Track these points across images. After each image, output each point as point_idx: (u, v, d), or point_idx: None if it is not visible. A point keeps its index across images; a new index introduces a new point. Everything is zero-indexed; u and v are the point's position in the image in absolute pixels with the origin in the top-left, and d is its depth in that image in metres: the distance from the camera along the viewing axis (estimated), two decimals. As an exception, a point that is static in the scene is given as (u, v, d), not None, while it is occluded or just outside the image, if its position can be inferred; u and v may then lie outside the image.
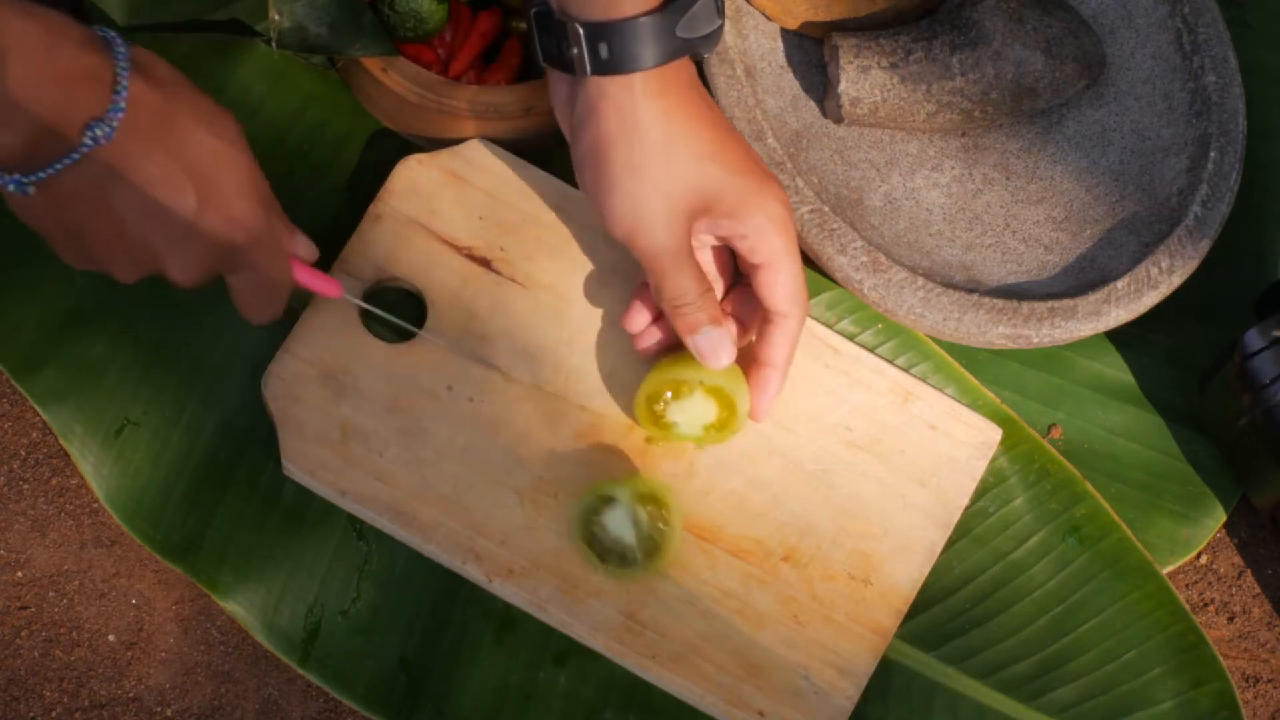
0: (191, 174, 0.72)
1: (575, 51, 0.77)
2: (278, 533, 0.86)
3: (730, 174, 0.78)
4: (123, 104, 0.69)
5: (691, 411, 0.84)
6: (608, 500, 0.84)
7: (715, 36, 0.78)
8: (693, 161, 0.78)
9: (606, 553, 0.84)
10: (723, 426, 0.84)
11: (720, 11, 0.78)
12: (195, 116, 0.73)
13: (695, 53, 0.78)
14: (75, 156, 0.69)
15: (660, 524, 0.84)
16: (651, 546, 0.84)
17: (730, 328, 0.83)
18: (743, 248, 0.80)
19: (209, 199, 0.73)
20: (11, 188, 0.71)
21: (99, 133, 0.69)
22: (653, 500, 0.84)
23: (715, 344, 0.81)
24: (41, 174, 0.70)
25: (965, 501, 0.89)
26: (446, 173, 0.88)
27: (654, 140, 0.77)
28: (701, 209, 0.79)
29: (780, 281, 0.80)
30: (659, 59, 0.76)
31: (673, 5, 0.76)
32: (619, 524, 0.84)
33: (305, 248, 0.81)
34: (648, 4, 0.76)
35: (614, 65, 0.76)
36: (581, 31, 0.76)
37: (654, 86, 0.77)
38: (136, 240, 0.73)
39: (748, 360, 0.84)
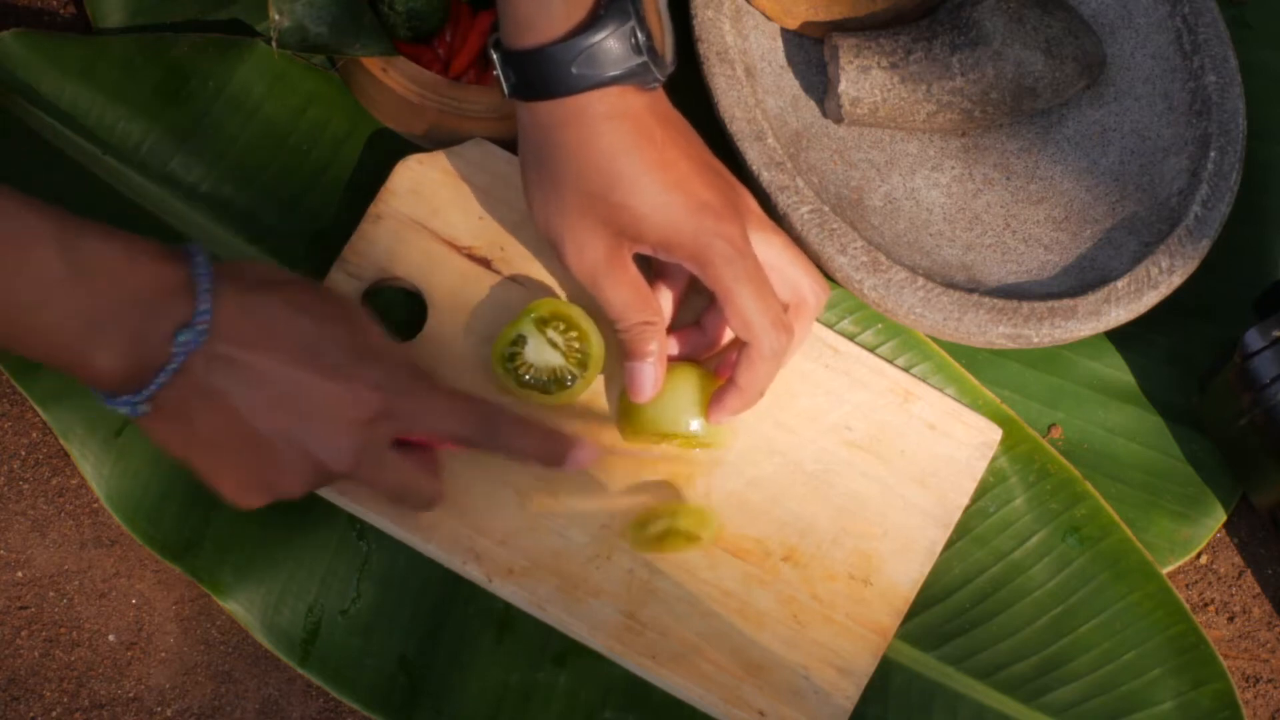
0: (297, 356, 0.74)
1: (496, 73, 0.80)
2: (278, 533, 0.86)
3: (653, 208, 0.78)
4: (206, 307, 0.72)
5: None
6: (518, 340, 0.84)
7: (640, 73, 0.78)
8: (599, 194, 0.78)
9: (545, 385, 0.84)
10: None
11: (640, 50, 0.77)
12: (287, 305, 0.75)
13: (611, 85, 0.77)
14: (173, 366, 0.71)
15: (574, 334, 0.84)
16: (581, 358, 0.84)
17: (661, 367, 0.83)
18: (694, 275, 0.81)
19: (323, 374, 0.74)
20: (125, 410, 0.73)
21: (186, 338, 0.71)
22: (556, 318, 0.84)
23: (642, 380, 0.82)
24: (147, 390, 0.72)
25: (965, 501, 0.89)
26: (446, 173, 0.88)
27: (559, 167, 0.79)
28: (627, 237, 0.79)
29: (731, 312, 0.79)
30: (555, 92, 0.77)
31: (569, 41, 0.76)
32: (539, 352, 0.84)
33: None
34: (549, 35, 0.77)
35: (519, 91, 0.79)
36: (495, 57, 0.79)
37: (559, 116, 0.78)
38: (272, 438, 0.74)
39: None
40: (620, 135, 0.78)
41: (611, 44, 0.77)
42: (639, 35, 0.77)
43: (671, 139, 0.80)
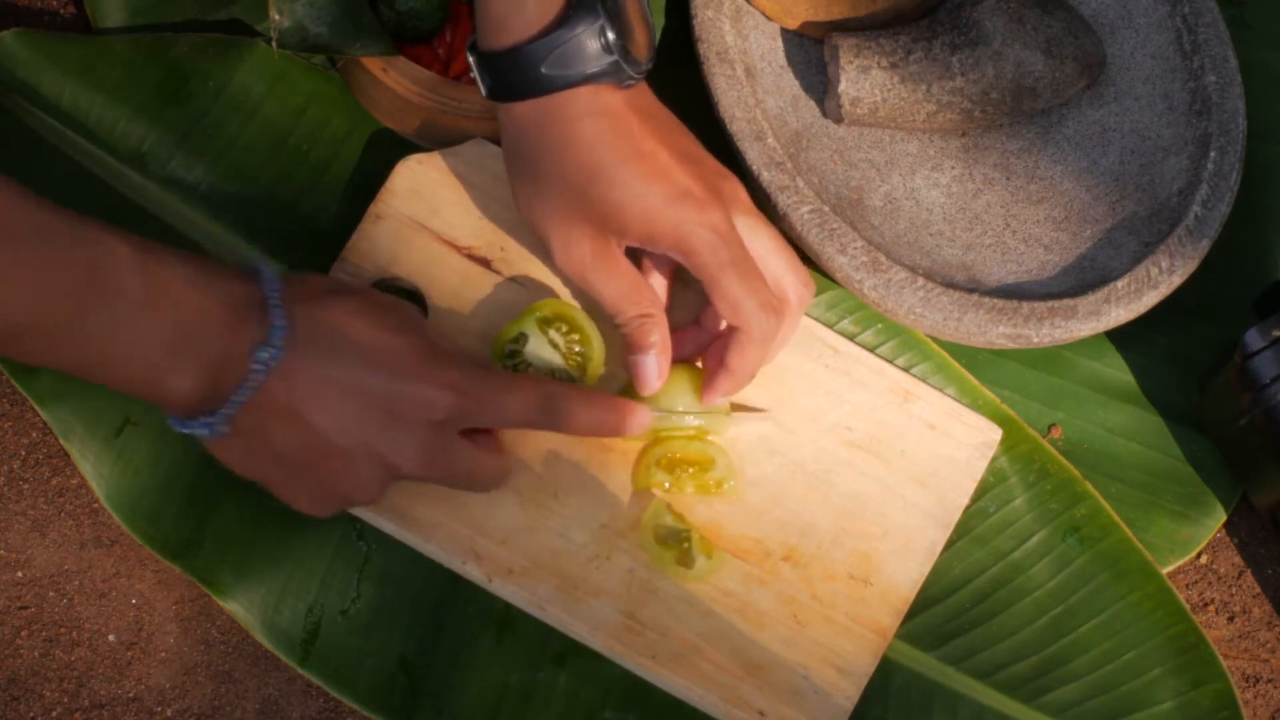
0: (370, 365, 0.75)
1: (473, 75, 0.81)
2: (278, 533, 0.86)
3: (633, 199, 0.78)
4: (280, 323, 0.72)
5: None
6: (519, 338, 0.84)
7: (613, 71, 0.78)
8: (580, 190, 0.78)
9: None
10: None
11: (610, 49, 0.77)
12: (355, 315, 0.76)
13: (584, 84, 0.78)
14: (252, 384, 0.72)
15: (576, 337, 0.84)
16: (580, 361, 0.84)
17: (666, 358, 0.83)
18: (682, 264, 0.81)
19: (397, 380, 0.75)
20: (205, 432, 0.74)
21: (265, 355, 0.72)
22: (559, 319, 0.85)
23: (646, 372, 0.82)
24: (226, 410, 0.72)
25: (965, 501, 0.89)
26: (446, 173, 0.89)
27: (540, 166, 0.79)
28: (611, 231, 0.79)
29: (718, 298, 0.80)
30: (529, 92, 0.78)
31: (539, 41, 0.77)
32: (539, 352, 0.84)
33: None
34: (520, 36, 0.77)
35: (493, 93, 0.80)
36: (471, 59, 0.80)
37: (536, 116, 0.79)
38: (351, 448, 0.75)
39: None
40: (597, 131, 0.78)
41: (581, 43, 0.77)
42: (609, 34, 0.77)
43: (651, 130, 0.80)
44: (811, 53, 0.95)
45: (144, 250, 0.70)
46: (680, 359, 0.85)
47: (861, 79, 0.91)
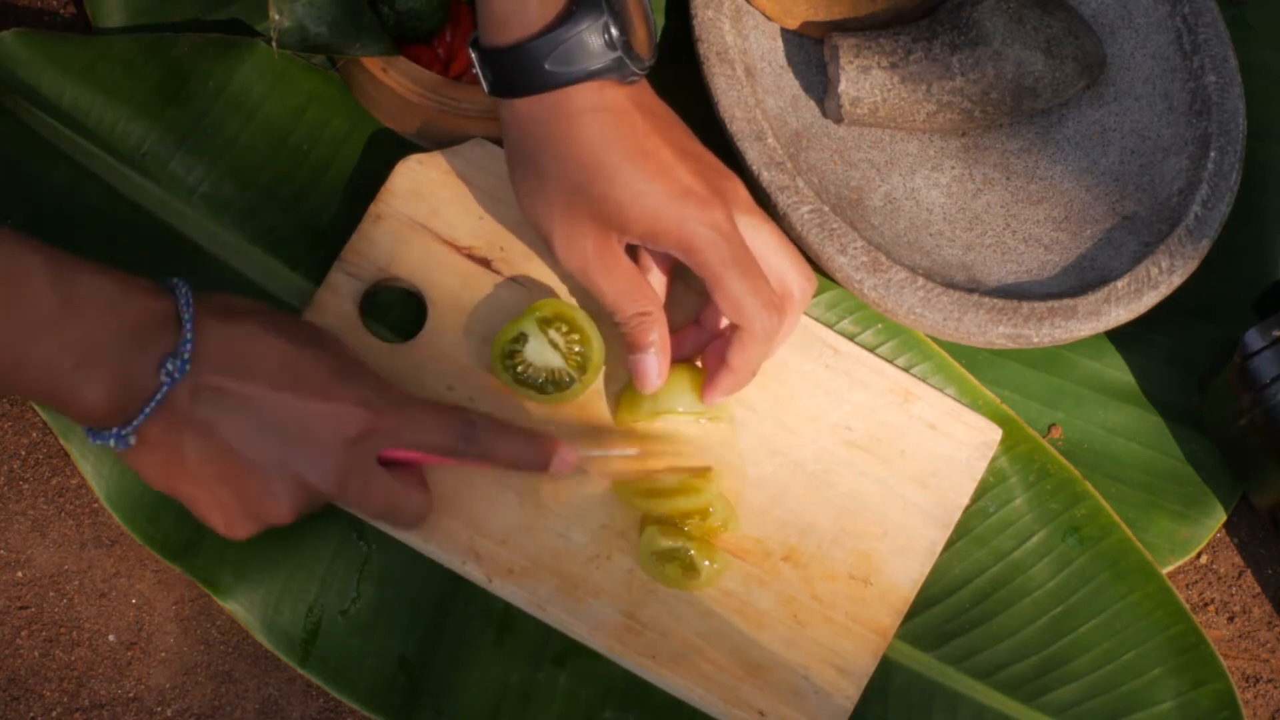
0: (280, 379, 0.75)
1: (475, 71, 0.81)
2: (278, 533, 0.86)
3: (635, 197, 0.78)
4: (189, 336, 0.73)
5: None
6: (519, 338, 0.84)
7: (617, 67, 0.78)
8: (582, 187, 0.78)
9: (543, 385, 0.84)
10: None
11: (614, 45, 0.77)
12: (267, 330, 0.76)
13: (588, 80, 0.78)
14: (159, 396, 0.72)
15: (576, 337, 0.84)
16: (580, 361, 0.85)
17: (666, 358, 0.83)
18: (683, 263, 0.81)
19: (307, 395, 0.75)
20: (113, 443, 0.74)
21: (171, 366, 0.72)
22: (559, 319, 0.85)
23: (646, 371, 0.82)
24: (134, 423, 0.73)
25: (965, 501, 0.89)
26: (446, 173, 0.89)
27: (543, 162, 0.79)
28: (613, 228, 0.79)
29: (720, 297, 0.79)
30: (532, 88, 0.78)
31: (543, 38, 0.77)
32: (539, 352, 0.84)
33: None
34: (523, 32, 0.77)
35: (498, 89, 0.79)
36: (473, 55, 0.80)
37: (538, 112, 0.79)
38: (263, 463, 0.75)
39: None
40: (600, 127, 0.78)
41: (585, 39, 0.77)
42: (613, 30, 0.77)
43: (654, 128, 0.80)
44: (811, 53, 0.95)
45: (58, 262, 0.71)
46: (681, 358, 0.85)
47: (861, 79, 0.91)
